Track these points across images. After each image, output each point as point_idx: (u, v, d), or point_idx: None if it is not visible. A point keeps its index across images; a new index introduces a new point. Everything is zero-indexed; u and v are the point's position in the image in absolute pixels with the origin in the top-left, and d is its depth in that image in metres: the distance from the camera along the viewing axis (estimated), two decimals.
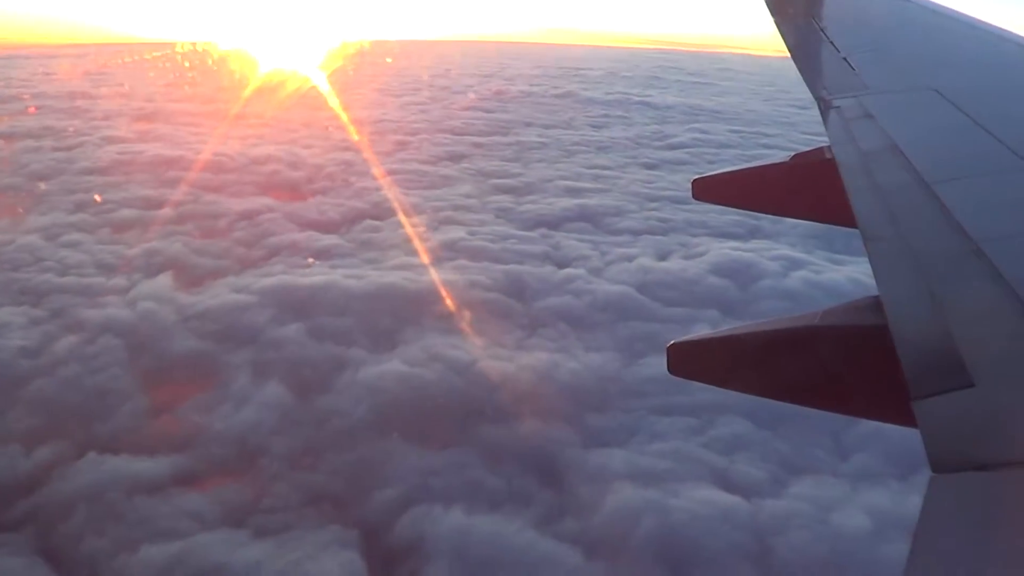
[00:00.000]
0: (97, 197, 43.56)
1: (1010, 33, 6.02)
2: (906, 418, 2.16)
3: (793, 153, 5.15)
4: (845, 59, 5.77)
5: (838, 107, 4.85)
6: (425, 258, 34.35)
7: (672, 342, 3.67)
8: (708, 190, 5.66)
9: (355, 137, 64.52)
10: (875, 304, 2.84)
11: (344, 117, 74.63)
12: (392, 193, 45.79)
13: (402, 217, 40.77)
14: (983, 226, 3.00)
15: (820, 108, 4.99)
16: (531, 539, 18.21)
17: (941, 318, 2.51)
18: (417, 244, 36.36)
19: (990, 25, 6.34)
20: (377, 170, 52.14)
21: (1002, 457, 1.89)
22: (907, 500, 20.30)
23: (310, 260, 34.50)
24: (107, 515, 18.70)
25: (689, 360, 3.78)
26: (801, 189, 4.99)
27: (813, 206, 5.02)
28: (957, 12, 6.76)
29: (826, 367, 3.20)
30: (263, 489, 19.87)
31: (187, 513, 18.86)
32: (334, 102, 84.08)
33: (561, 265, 35.07)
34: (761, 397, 3.48)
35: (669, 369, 3.69)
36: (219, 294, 30.42)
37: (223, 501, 19.39)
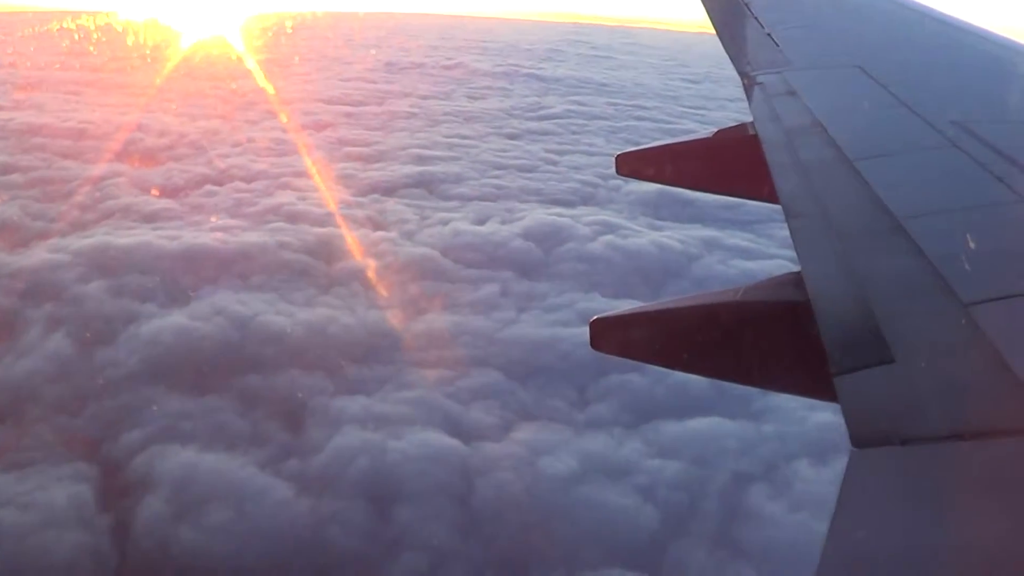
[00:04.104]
0: None
1: (934, 11, 6.24)
2: (827, 393, 2.20)
3: (715, 128, 5.25)
4: (769, 35, 5.79)
5: (761, 83, 4.87)
6: (245, 221, 35.68)
7: (594, 318, 3.65)
8: (630, 166, 5.72)
9: (228, 106, 65.23)
10: (797, 280, 2.84)
11: (225, 87, 75.12)
12: (243, 160, 46.98)
13: (241, 183, 41.91)
14: (904, 203, 3.07)
15: (743, 84, 5.03)
16: (250, 475, 19.82)
17: (862, 294, 2.55)
18: (244, 208, 37.64)
19: (914, 2, 6.62)
20: (238, 137, 53.24)
21: (921, 432, 1.94)
22: (624, 446, 22.18)
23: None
24: None
25: (610, 335, 3.76)
26: (723, 165, 5.02)
27: (735, 182, 5.06)
28: None
29: (747, 343, 3.20)
30: (24, 430, 21.34)
31: None
32: (222, 72, 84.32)
33: (378, 228, 36.44)
34: (682, 372, 3.60)
35: (591, 344, 3.67)
36: (37, 254, 31.59)
37: None
